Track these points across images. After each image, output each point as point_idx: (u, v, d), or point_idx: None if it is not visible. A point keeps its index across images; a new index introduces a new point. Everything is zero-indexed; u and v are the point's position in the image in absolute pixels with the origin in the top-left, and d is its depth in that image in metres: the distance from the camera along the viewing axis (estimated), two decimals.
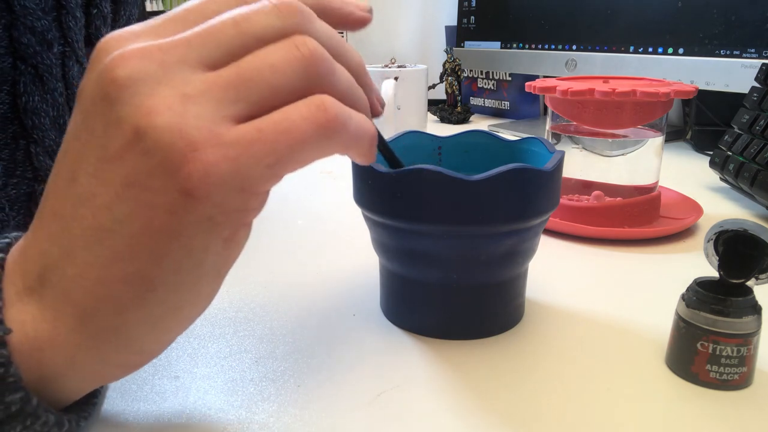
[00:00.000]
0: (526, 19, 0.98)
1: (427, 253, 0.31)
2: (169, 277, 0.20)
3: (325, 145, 0.20)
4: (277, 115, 0.20)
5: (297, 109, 0.20)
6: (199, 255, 0.20)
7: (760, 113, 0.56)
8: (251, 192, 0.20)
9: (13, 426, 0.20)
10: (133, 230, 0.19)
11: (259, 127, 0.19)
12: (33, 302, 0.20)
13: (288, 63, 0.20)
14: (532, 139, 0.36)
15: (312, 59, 0.20)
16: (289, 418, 0.26)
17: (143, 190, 0.19)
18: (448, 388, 0.28)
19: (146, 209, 0.19)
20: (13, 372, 0.19)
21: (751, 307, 0.27)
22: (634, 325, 0.34)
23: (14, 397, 0.19)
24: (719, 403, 0.27)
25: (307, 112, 0.20)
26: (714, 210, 0.55)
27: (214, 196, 0.19)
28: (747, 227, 0.27)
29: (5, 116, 0.35)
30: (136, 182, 0.19)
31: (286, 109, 0.20)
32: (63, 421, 0.22)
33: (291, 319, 0.35)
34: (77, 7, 0.38)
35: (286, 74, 0.20)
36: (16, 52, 0.35)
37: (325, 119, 0.20)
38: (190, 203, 0.18)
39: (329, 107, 0.20)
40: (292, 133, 0.19)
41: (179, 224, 0.19)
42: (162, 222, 0.19)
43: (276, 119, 0.19)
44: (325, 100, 0.20)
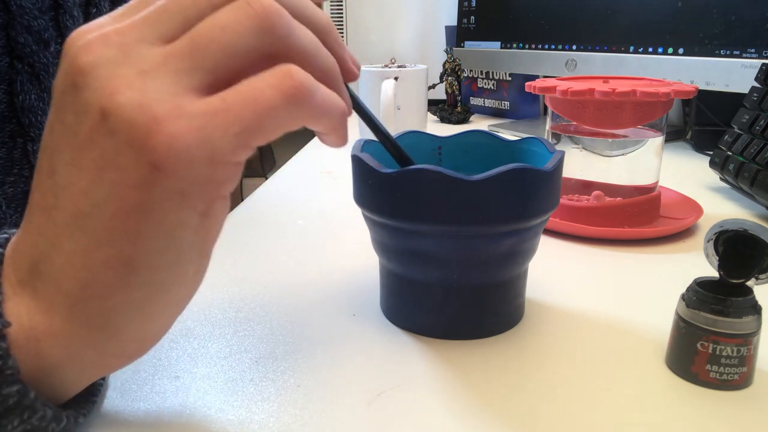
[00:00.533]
0: (526, 19, 0.98)
1: (427, 253, 0.31)
2: (148, 257, 0.20)
3: (292, 113, 0.20)
4: (243, 84, 0.19)
5: (262, 78, 0.20)
6: (176, 231, 0.20)
7: (760, 113, 0.56)
8: (220, 162, 0.19)
9: (10, 420, 0.20)
10: (109, 212, 0.19)
11: (223, 96, 0.19)
12: (27, 295, 0.20)
13: (239, 22, 0.20)
14: (532, 139, 0.36)
15: (265, 15, 0.20)
16: (289, 418, 0.26)
17: (114, 169, 0.19)
18: (448, 388, 0.28)
19: (119, 189, 0.19)
20: (11, 364, 0.19)
21: (751, 307, 0.27)
22: (634, 325, 0.34)
23: (11, 389, 0.19)
24: (719, 403, 0.27)
25: (273, 80, 0.19)
26: (714, 210, 0.55)
27: (181, 168, 0.19)
28: (747, 227, 0.27)
29: (2, 115, 0.35)
30: (108, 163, 0.19)
31: (251, 79, 0.20)
32: (61, 416, 0.22)
33: (291, 319, 0.35)
34: (75, 6, 0.38)
35: (238, 33, 0.20)
36: (13, 51, 0.35)
37: (292, 86, 0.20)
38: (158, 177, 0.19)
39: (295, 74, 0.20)
40: (258, 100, 0.19)
41: (150, 200, 0.19)
42: (134, 200, 0.19)
43: (241, 88, 0.19)
44: (291, 68, 0.20)
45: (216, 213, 0.21)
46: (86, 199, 0.19)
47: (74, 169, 0.19)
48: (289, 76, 0.20)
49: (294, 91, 0.20)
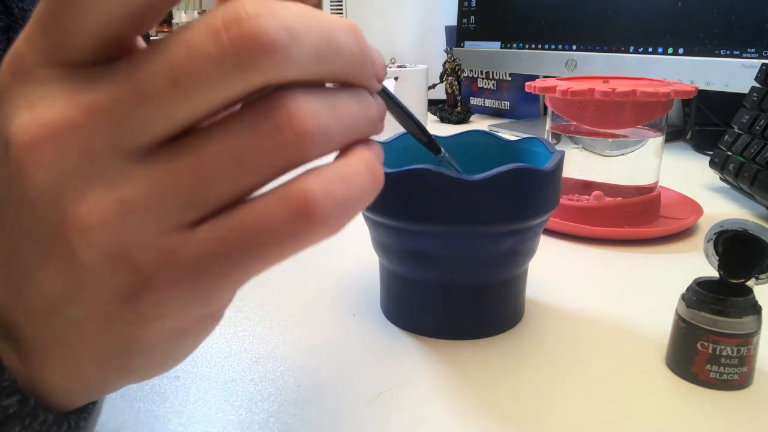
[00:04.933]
0: (526, 19, 0.98)
1: (427, 253, 0.31)
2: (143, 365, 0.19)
3: (309, 244, 0.16)
4: (246, 219, 0.15)
5: (271, 214, 0.15)
6: (170, 351, 0.19)
7: (760, 113, 0.56)
8: (216, 301, 0.17)
9: (11, 426, 0.19)
10: (94, 328, 0.17)
11: (223, 238, 0.15)
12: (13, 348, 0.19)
13: (264, 155, 0.15)
14: (532, 139, 0.36)
15: (302, 144, 0.15)
16: (289, 418, 0.26)
17: (94, 298, 0.16)
18: (448, 388, 0.28)
19: (102, 316, 0.16)
20: (7, 376, 0.19)
21: (751, 307, 0.27)
22: (634, 325, 0.34)
23: (11, 400, 0.19)
24: (719, 403, 0.27)
25: (286, 217, 0.15)
26: (714, 210, 0.55)
27: (173, 315, 0.16)
28: (747, 227, 0.27)
29: None
30: (85, 290, 0.16)
31: (257, 211, 0.15)
32: (63, 421, 0.21)
33: (291, 319, 0.35)
34: None
35: (260, 171, 0.15)
36: None
37: (310, 222, 0.15)
38: (147, 323, 0.16)
39: (316, 210, 0.15)
40: (266, 244, 0.15)
41: (140, 334, 0.17)
42: (121, 330, 0.17)
43: (244, 227, 0.15)
44: (309, 196, 0.15)
45: (210, 330, 0.19)
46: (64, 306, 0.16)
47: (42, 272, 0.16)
48: (306, 210, 0.15)
49: (312, 226, 0.15)
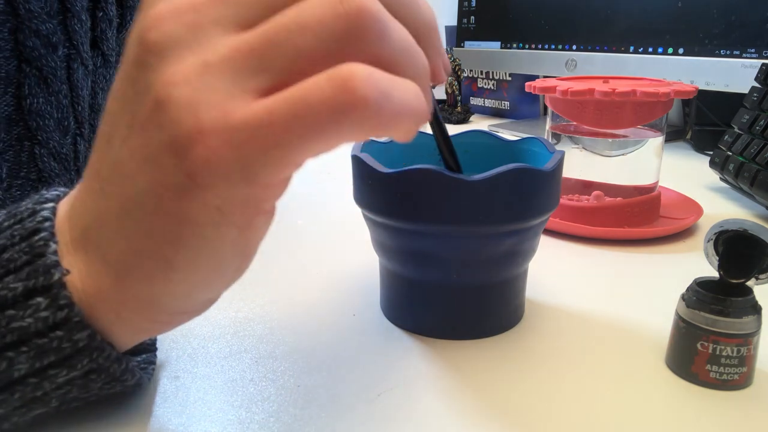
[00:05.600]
0: (526, 19, 0.98)
1: (427, 253, 0.31)
2: (187, 260, 0.19)
3: (346, 130, 0.17)
4: (294, 92, 0.17)
5: (317, 87, 0.16)
6: (214, 242, 0.19)
7: (760, 113, 0.56)
8: (259, 183, 0.18)
9: (80, 359, 0.21)
10: (149, 208, 0.18)
11: (270, 108, 0.17)
12: (79, 256, 0.21)
13: (324, 24, 0.17)
14: (532, 139, 0.36)
15: (358, 20, 0.17)
16: (289, 418, 0.26)
17: (156, 166, 0.18)
18: (448, 388, 0.28)
19: (158, 188, 0.18)
20: (77, 311, 0.20)
21: (751, 307, 0.27)
22: (634, 325, 0.34)
23: (82, 335, 0.20)
24: (719, 403, 0.27)
25: (329, 92, 0.16)
26: (714, 210, 0.55)
27: (217, 187, 0.17)
28: (747, 227, 0.27)
29: (10, 118, 0.35)
30: (151, 157, 0.18)
31: (305, 85, 0.16)
32: (122, 359, 0.23)
33: (291, 319, 0.35)
34: (83, 10, 0.39)
35: (319, 36, 0.17)
36: (21, 54, 0.35)
37: (349, 100, 0.16)
38: (196, 191, 0.18)
39: (357, 83, 0.16)
40: (307, 119, 0.16)
41: (187, 210, 0.18)
42: (171, 205, 0.18)
43: (291, 99, 0.16)
44: (355, 73, 0.16)
45: (256, 227, 0.20)
46: (132, 186, 0.19)
47: (125, 149, 0.19)
48: (350, 89, 0.16)
49: (352, 107, 0.16)
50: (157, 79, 0.17)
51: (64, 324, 0.20)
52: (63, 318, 0.20)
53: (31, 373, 0.21)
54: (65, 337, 0.20)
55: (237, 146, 0.17)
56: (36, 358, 0.20)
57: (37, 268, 0.20)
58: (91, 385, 0.22)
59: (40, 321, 0.20)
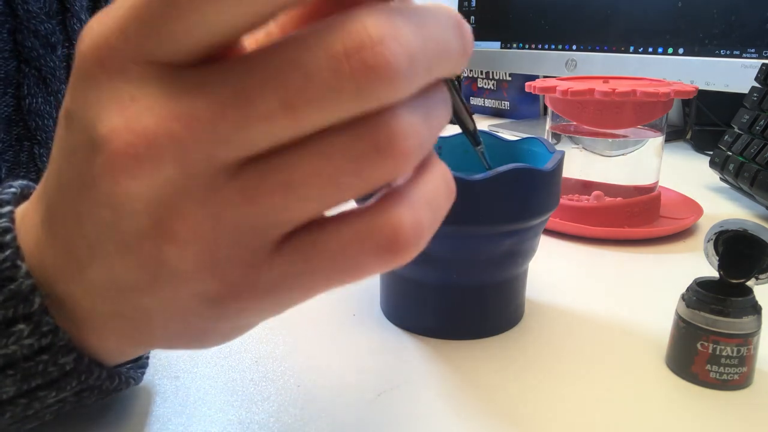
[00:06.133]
0: (526, 19, 0.98)
1: (427, 253, 0.31)
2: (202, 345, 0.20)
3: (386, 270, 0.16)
4: (333, 242, 0.15)
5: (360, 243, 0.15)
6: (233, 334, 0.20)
7: (760, 113, 0.56)
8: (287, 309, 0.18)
9: (68, 382, 0.20)
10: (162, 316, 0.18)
11: (307, 257, 0.15)
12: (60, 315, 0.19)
13: (359, 173, 0.14)
14: (532, 139, 0.36)
15: (401, 165, 0.14)
16: (289, 418, 0.26)
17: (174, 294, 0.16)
18: (448, 388, 0.28)
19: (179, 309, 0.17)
20: (61, 336, 0.19)
21: (751, 307, 0.27)
22: (634, 325, 0.34)
23: (68, 358, 0.20)
24: (719, 403, 0.27)
25: (373, 251, 0.15)
26: (714, 210, 0.55)
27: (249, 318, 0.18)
28: (747, 227, 0.27)
29: (10, 118, 0.35)
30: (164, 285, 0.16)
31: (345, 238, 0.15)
32: (114, 376, 0.22)
33: (291, 319, 0.35)
34: (83, 10, 0.39)
35: (355, 189, 0.14)
36: (20, 55, 0.35)
37: (395, 257, 0.15)
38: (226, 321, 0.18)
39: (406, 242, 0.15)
40: (348, 270, 0.15)
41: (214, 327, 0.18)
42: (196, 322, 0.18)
43: (330, 251, 0.15)
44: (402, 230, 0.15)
45: None
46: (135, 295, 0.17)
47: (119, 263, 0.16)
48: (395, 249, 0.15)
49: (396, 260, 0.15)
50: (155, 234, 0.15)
51: (48, 349, 0.19)
52: (48, 344, 0.19)
53: (19, 395, 0.20)
54: (50, 361, 0.19)
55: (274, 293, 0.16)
56: (23, 381, 0.20)
57: (12, 296, 0.18)
58: (84, 401, 0.22)
59: (24, 348, 0.19)
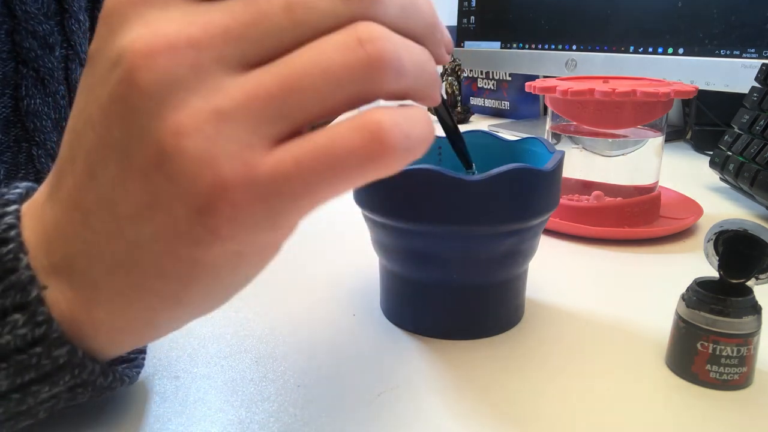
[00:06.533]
0: (526, 19, 0.98)
1: (427, 253, 0.31)
2: (198, 295, 0.19)
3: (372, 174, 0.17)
4: (320, 141, 0.16)
5: (345, 137, 0.16)
6: (227, 278, 0.19)
7: (760, 113, 0.56)
8: (282, 227, 0.18)
9: (61, 376, 0.20)
10: (158, 251, 0.18)
11: (297, 159, 0.16)
12: (63, 282, 0.19)
13: (347, 68, 0.16)
14: (532, 139, 0.36)
15: (379, 62, 0.16)
16: (289, 418, 0.26)
17: (168, 215, 0.17)
18: (448, 388, 0.28)
19: (171, 235, 0.17)
20: (56, 328, 0.19)
21: (751, 307, 0.27)
22: (634, 325, 0.34)
23: (61, 351, 0.20)
24: (719, 403, 0.27)
25: (358, 142, 0.16)
26: (714, 210, 0.55)
27: (241, 236, 0.17)
28: (747, 227, 0.27)
29: (8, 119, 0.35)
30: (160, 206, 0.17)
31: (331, 135, 0.16)
32: (108, 372, 0.22)
33: (291, 319, 0.35)
34: (81, 10, 0.39)
35: (343, 83, 0.16)
36: (18, 56, 0.35)
37: (380, 149, 0.16)
38: (216, 241, 0.17)
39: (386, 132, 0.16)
40: (336, 168, 0.16)
41: (204, 255, 0.17)
42: (184, 251, 0.17)
43: (318, 149, 0.16)
44: (382, 125, 0.16)
45: (267, 259, 0.20)
46: (133, 228, 0.17)
47: (120, 190, 0.17)
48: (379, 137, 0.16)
49: (382, 156, 0.16)
50: (160, 128, 0.16)
51: (42, 340, 0.19)
52: (41, 334, 0.19)
53: (12, 389, 0.20)
54: (44, 353, 0.19)
55: (266, 199, 0.16)
56: (16, 375, 0.20)
57: (12, 286, 0.19)
58: (78, 398, 0.22)
59: (18, 338, 0.19)
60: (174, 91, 0.16)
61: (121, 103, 0.16)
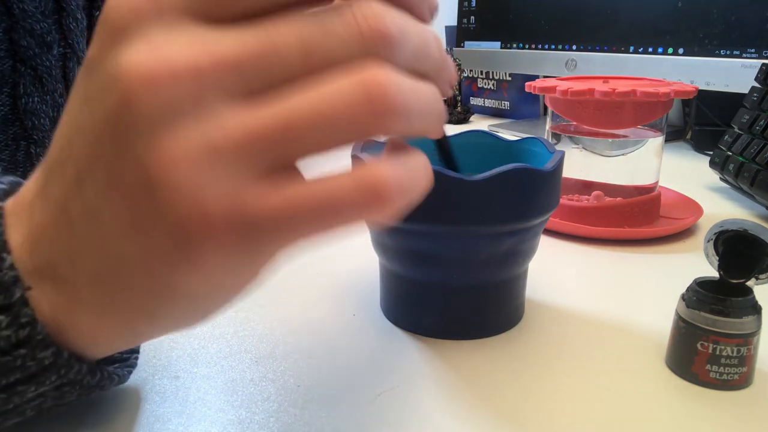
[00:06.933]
0: (526, 19, 0.98)
1: (427, 253, 0.31)
2: (173, 314, 0.19)
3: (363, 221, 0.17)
4: (319, 189, 0.16)
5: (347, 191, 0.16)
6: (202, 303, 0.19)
7: (760, 113, 0.56)
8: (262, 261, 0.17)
9: (47, 376, 0.20)
10: (137, 269, 0.17)
11: (292, 204, 0.16)
12: (47, 286, 0.19)
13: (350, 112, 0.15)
14: (532, 139, 0.36)
15: (383, 108, 0.16)
16: (289, 418, 0.26)
17: (149, 238, 0.16)
18: (448, 388, 0.28)
19: (150, 257, 0.17)
20: (40, 330, 0.19)
21: (751, 307, 0.27)
22: (634, 325, 0.34)
23: (46, 352, 0.19)
24: (719, 403, 0.27)
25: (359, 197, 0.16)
26: (714, 210, 0.55)
27: (219, 269, 0.17)
28: (747, 227, 0.27)
29: (6, 118, 0.35)
30: (143, 228, 0.16)
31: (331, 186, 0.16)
32: (96, 371, 0.22)
33: (291, 319, 0.35)
34: (78, 9, 0.39)
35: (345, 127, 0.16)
36: (16, 54, 0.35)
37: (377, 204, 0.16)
38: (193, 270, 0.17)
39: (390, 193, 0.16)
40: (328, 219, 0.16)
41: (180, 281, 0.17)
42: (164, 274, 0.17)
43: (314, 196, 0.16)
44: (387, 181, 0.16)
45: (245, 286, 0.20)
46: (116, 243, 0.17)
47: (106, 203, 0.17)
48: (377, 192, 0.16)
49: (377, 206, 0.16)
50: (151, 155, 0.15)
51: (27, 342, 0.19)
52: (26, 336, 0.19)
53: None
54: (29, 355, 0.19)
55: (250, 238, 0.16)
56: (1, 376, 0.19)
57: None
58: (66, 396, 0.22)
59: (2, 340, 0.19)
60: (170, 120, 0.15)
61: (115, 123, 0.16)
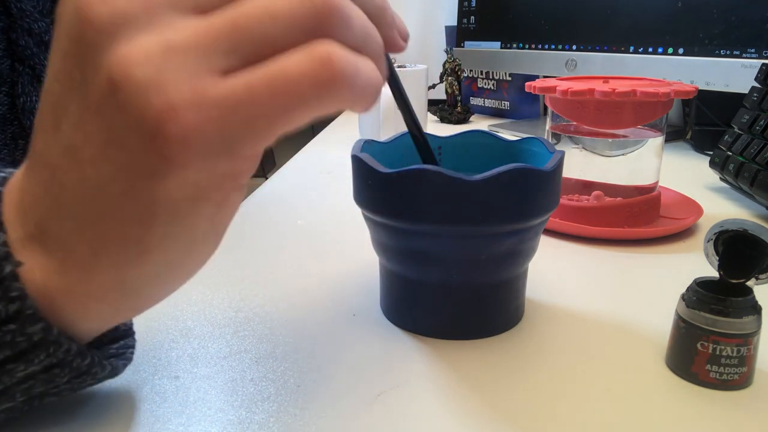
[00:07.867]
0: (526, 19, 0.98)
1: (427, 253, 0.31)
2: (161, 240, 0.19)
3: (325, 102, 0.17)
4: (272, 68, 0.17)
5: (296, 63, 0.17)
6: (189, 220, 0.19)
7: (760, 113, 0.56)
8: (239, 156, 0.18)
9: (36, 354, 0.20)
10: (116, 191, 0.18)
11: (249, 83, 0.17)
12: (37, 250, 0.20)
13: (294, 15, 0.17)
14: (532, 139, 0.36)
15: (324, 10, 0.17)
16: (289, 418, 0.26)
17: (122, 150, 0.17)
18: (448, 388, 0.28)
19: (126, 171, 0.17)
20: (30, 304, 0.19)
21: (751, 307, 0.27)
22: (634, 325, 0.34)
23: (35, 327, 0.20)
24: (719, 403, 0.27)
25: (309, 67, 0.17)
26: (714, 210, 0.55)
27: (195, 162, 0.17)
28: (747, 227, 0.27)
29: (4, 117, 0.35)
30: (115, 141, 0.17)
31: (282, 62, 0.17)
32: (86, 353, 0.22)
33: (291, 319, 0.35)
34: None
35: (290, 27, 0.17)
36: (14, 54, 0.35)
37: (330, 76, 0.17)
38: (171, 169, 0.17)
39: (335, 61, 0.17)
40: (289, 92, 0.17)
41: (162, 189, 0.18)
42: (143, 186, 0.18)
43: (270, 74, 0.17)
44: (331, 52, 0.17)
45: (231, 202, 0.20)
46: (95, 171, 0.18)
47: (80, 133, 0.18)
48: (327, 62, 0.17)
49: (332, 80, 0.17)
50: (111, 60, 0.16)
51: (16, 317, 0.19)
52: (15, 311, 0.19)
53: None
54: (18, 330, 0.19)
55: (217, 121, 0.17)
56: None
57: None
58: (56, 380, 0.22)
59: None
60: (126, 27, 0.17)
61: (78, 42, 0.17)
